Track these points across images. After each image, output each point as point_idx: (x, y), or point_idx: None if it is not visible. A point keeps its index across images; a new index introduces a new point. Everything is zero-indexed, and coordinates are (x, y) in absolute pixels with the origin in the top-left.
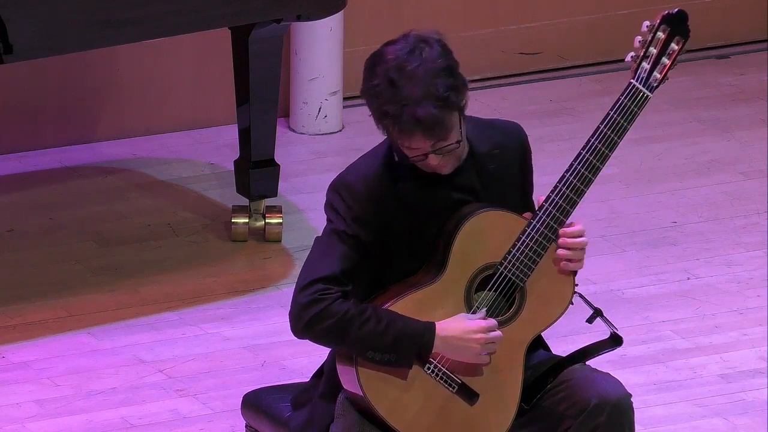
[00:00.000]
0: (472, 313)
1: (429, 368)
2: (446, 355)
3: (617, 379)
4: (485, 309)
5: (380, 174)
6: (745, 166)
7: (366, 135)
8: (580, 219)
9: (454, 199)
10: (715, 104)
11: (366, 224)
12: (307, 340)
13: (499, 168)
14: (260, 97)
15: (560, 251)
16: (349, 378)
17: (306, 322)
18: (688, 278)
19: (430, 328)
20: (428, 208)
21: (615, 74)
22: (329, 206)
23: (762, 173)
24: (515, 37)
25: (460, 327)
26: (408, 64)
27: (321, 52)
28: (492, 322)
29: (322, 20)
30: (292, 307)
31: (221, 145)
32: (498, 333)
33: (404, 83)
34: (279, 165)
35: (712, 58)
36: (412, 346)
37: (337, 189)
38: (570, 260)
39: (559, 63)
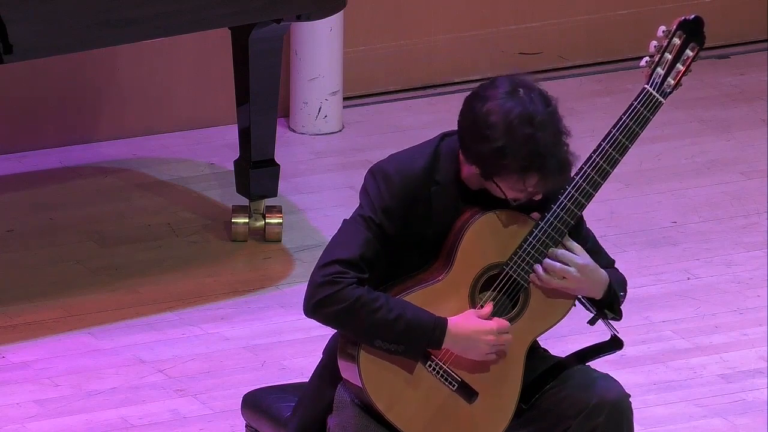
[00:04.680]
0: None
1: (430, 365)
2: (454, 352)
3: (616, 380)
4: (492, 302)
5: (419, 174)
6: (745, 166)
7: (366, 135)
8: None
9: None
10: (715, 104)
11: (392, 217)
12: (317, 321)
13: None
14: (260, 97)
15: (538, 268)
16: (349, 371)
17: (316, 303)
18: (688, 278)
19: (442, 323)
20: (455, 218)
21: (615, 74)
22: (363, 190)
23: (762, 173)
24: (515, 37)
25: (471, 326)
26: (536, 114)
27: (321, 52)
28: (504, 323)
29: (322, 20)
30: (308, 284)
31: (221, 145)
32: (509, 336)
33: (540, 134)
34: (279, 165)
35: (712, 58)
36: (421, 339)
37: (375, 175)
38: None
39: (559, 63)
